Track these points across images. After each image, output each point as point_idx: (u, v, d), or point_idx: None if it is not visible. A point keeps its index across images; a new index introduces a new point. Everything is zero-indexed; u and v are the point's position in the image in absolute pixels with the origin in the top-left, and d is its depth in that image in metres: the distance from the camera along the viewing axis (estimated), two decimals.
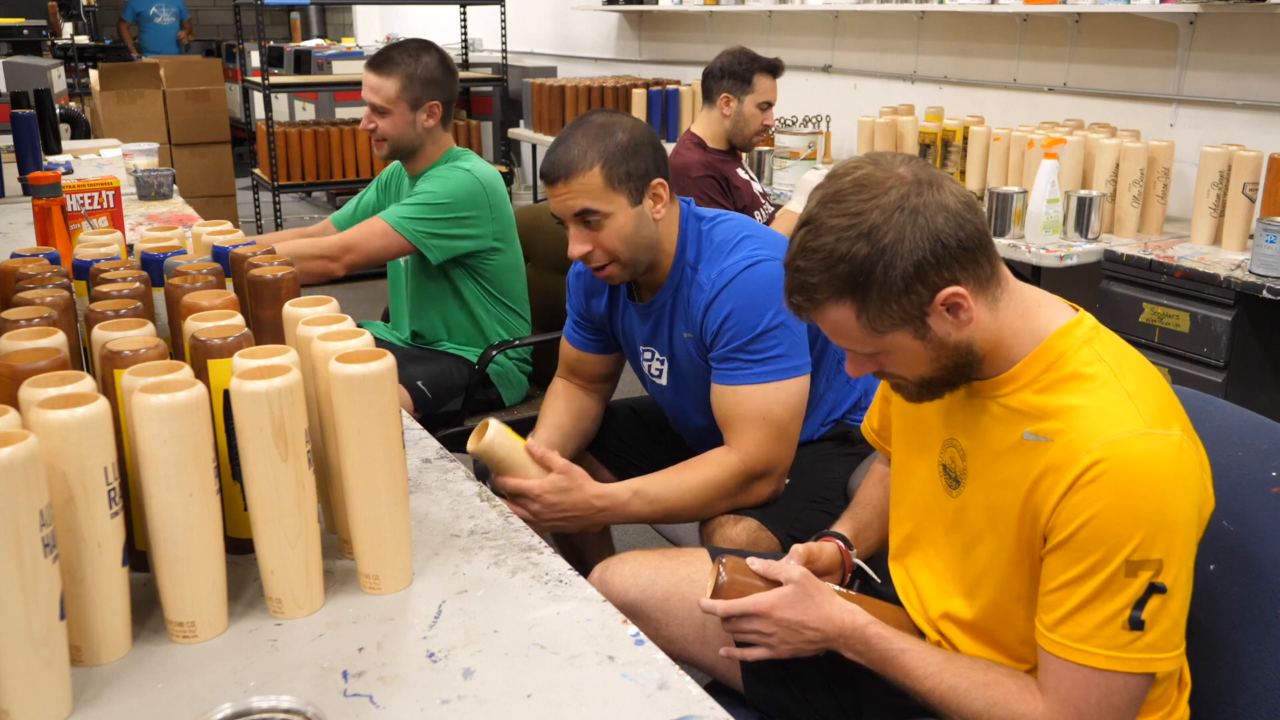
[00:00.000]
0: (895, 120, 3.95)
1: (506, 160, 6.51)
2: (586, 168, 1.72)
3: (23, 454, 0.89)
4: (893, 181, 1.16)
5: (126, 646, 1.07)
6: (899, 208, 1.14)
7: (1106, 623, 1.14)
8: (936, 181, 1.17)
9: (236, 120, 8.60)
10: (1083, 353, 1.20)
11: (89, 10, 10.59)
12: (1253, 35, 3.28)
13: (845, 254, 1.14)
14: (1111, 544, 1.12)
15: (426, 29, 9.39)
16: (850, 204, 1.16)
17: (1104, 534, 1.12)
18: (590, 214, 1.74)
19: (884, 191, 1.15)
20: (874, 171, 1.17)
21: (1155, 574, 1.12)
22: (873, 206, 1.15)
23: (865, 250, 1.14)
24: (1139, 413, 1.14)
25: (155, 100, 6.33)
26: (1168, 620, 1.14)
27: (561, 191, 1.74)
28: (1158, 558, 1.12)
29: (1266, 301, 2.68)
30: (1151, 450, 1.13)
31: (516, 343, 2.68)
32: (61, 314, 1.23)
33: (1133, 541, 1.12)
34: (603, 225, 1.75)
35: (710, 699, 0.99)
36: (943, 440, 1.33)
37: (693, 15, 5.92)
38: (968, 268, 1.17)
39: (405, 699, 1.00)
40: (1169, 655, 1.15)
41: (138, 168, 3.71)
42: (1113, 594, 1.13)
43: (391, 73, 2.54)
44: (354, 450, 1.13)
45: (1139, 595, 1.12)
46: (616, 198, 1.74)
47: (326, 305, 1.30)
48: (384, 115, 2.57)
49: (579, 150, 1.73)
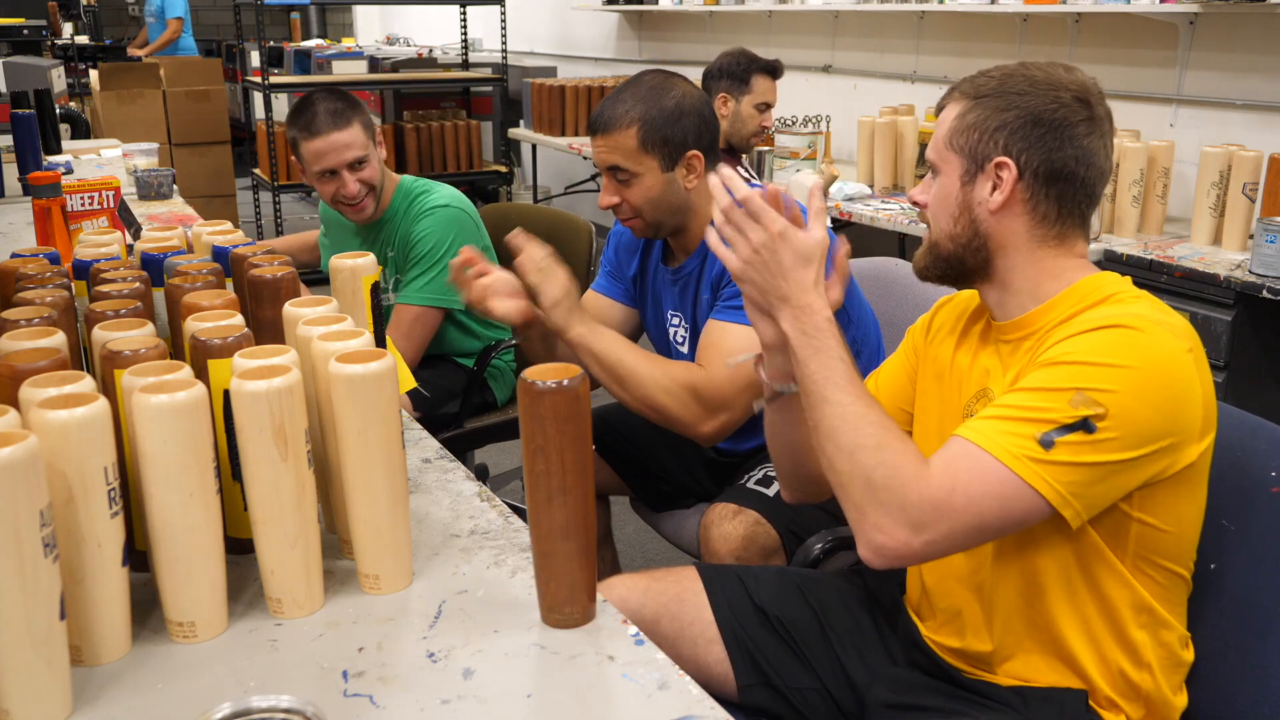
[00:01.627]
0: (895, 120, 3.95)
1: (506, 160, 6.51)
2: (624, 126, 1.81)
3: (23, 454, 0.89)
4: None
5: (126, 646, 1.07)
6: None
7: (1022, 425, 1.15)
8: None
9: (236, 120, 8.59)
10: (1117, 284, 1.26)
11: (89, 10, 10.59)
12: (1253, 35, 3.28)
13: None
14: (1078, 374, 1.14)
15: (427, 29, 9.39)
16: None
17: (1077, 367, 1.15)
18: (620, 171, 1.83)
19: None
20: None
21: (1096, 417, 1.12)
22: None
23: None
24: (1160, 318, 1.18)
25: (155, 100, 6.33)
26: (1071, 459, 1.13)
27: (599, 144, 1.84)
28: (1108, 407, 1.12)
29: (1266, 301, 2.67)
30: (1161, 339, 1.16)
31: (510, 342, 2.69)
32: (61, 314, 1.23)
33: (1097, 381, 1.13)
34: (631, 184, 1.83)
35: (710, 699, 0.99)
36: (972, 395, 1.34)
37: (693, 15, 5.92)
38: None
39: (405, 699, 1.00)
40: (1062, 492, 1.14)
41: (138, 168, 3.71)
42: (1046, 411, 1.14)
43: (351, 121, 2.42)
44: (354, 450, 1.13)
45: (1066, 422, 1.13)
46: (648, 160, 1.82)
47: (326, 305, 1.30)
48: (363, 167, 2.46)
49: (624, 109, 1.81)
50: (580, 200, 6.62)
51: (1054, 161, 1.24)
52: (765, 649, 1.47)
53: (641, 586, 1.53)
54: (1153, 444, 1.15)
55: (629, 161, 1.82)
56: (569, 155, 5.92)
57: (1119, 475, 1.15)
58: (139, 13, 9.75)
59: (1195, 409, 1.17)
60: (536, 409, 1.05)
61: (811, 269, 1.24)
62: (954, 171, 1.28)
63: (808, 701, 1.44)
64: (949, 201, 1.29)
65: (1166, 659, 1.25)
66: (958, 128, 1.28)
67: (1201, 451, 1.20)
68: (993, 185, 1.26)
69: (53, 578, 0.94)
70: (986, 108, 1.26)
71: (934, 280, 1.35)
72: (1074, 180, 1.25)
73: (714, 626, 1.49)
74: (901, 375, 1.49)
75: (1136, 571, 1.23)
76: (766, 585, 1.52)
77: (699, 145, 1.84)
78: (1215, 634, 1.29)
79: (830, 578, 1.56)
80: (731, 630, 1.48)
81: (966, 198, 1.28)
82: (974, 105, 1.27)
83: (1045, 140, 1.24)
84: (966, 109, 1.28)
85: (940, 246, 1.31)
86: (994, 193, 1.26)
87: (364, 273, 1.39)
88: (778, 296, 1.25)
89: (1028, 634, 1.28)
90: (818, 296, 1.25)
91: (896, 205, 3.66)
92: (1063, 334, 1.19)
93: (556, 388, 1.05)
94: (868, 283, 2.22)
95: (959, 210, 1.28)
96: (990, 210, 1.26)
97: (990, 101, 1.26)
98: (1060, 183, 1.25)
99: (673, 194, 1.85)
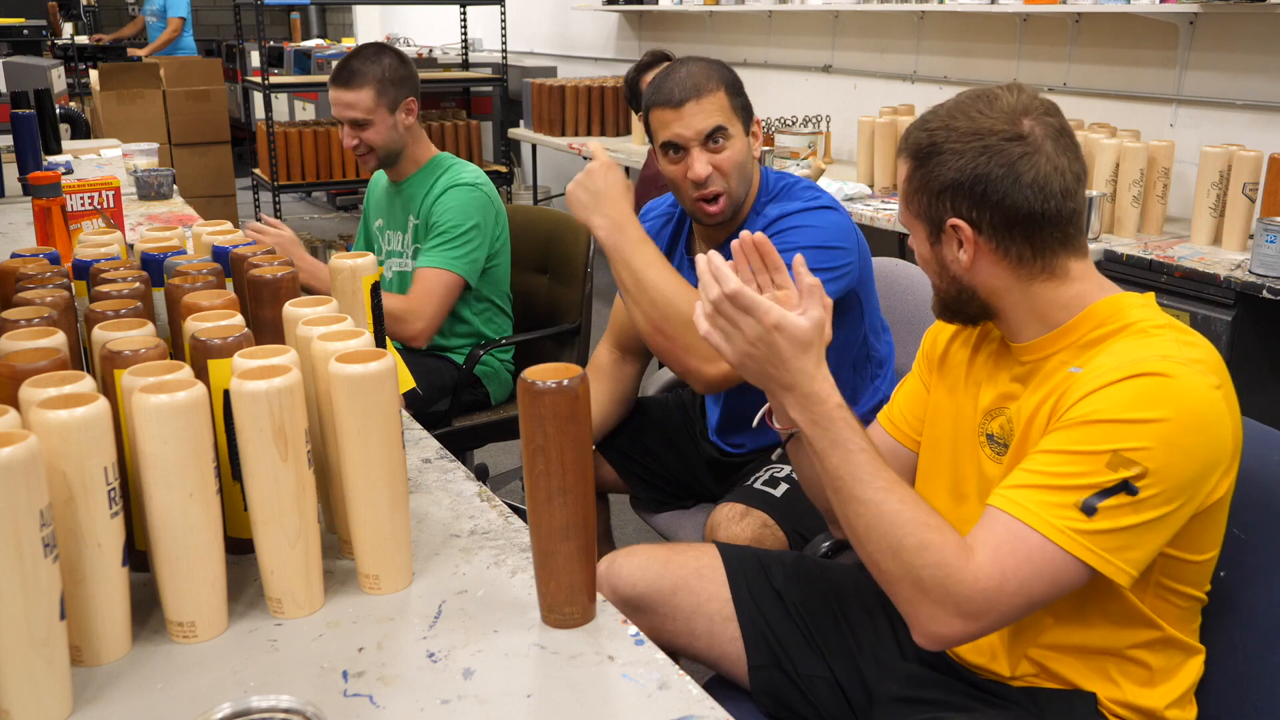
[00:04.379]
0: (895, 120, 3.95)
1: (506, 160, 6.51)
2: (715, 88, 1.83)
3: (23, 454, 0.89)
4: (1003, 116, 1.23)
5: (126, 646, 1.07)
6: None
7: (1062, 493, 1.13)
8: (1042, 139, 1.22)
9: (236, 120, 8.59)
10: (1140, 310, 1.23)
11: (89, 10, 10.59)
12: (1253, 35, 3.28)
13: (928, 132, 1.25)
14: (1113, 434, 1.11)
15: (427, 29, 9.39)
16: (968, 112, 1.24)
17: (1111, 426, 1.12)
18: (721, 131, 1.84)
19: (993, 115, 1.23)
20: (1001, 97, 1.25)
21: (1135, 478, 1.11)
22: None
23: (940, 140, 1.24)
24: (1187, 356, 1.15)
25: (155, 100, 6.34)
26: (1115, 524, 1.11)
27: (692, 111, 1.82)
28: (1147, 465, 1.10)
29: (1266, 301, 2.67)
30: (1191, 383, 1.13)
31: (503, 341, 2.70)
32: (61, 314, 1.23)
33: (1133, 440, 1.11)
34: (725, 147, 1.84)
35: (710, 699, 0.99)
36: (986, 412, 1.33)
37: (693, 15, 5.92)
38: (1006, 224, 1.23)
39: (405, 699, 1.00)
40: (1112, 559, 1.12)
41: (138, 168, 3.71)
42: (1084, 475, 1.12)
43: (363, 83, 2.53)
44: (354, 450, 1.13)
45: (1107, 486, 1.11)
46: (736, 122, 1.86)
47: (326, 305, 1.30)
48: (366, 127, 2.57)
49: (703, 75, 1.84)
50: None
51: (1006, 209, 1.20)
52: (780, 633, 1.47)
53: (663, 558, 1.55)
54: (1192, 490, 1.14)
55: (728, 120, 1.84)
56: (569, 155, 5.92)
57: (1162, 528, 1.14)
58: (139, 13, 9.75)
59: (1227, 445, 1.16)
60: (536, 409, 1.05)
61: (811, 353, 1.21)
62: (920, 235, 1.29)
63: (816, 690, 1.44)
64: (928, 263, 1.30)
65: (1178, 675, 1.25)
66: (908, 192, 1.27)
67: (1230, 482, 1.19)
68: (957, 243, 1.24)
69: (53, 578, 0.94)
70: (927, 170, 1.24)
71: (950, 322, 1.36)
72: (1035, 217, 1.20)
73: (730, 605, 1.49)
74: (917, 404, 1.48)
75: (1157, 600, 1.22)
76: (786, 570, 1.53)
77: (754, 113, 1.91)
78: (1223, 642, 1.28)
79: (848, 569, 1.56)
80: (747, 611, 1.49)
81: (940, 258, 1.28)
82: (916, 168, 1.25)
83: (989, 194, 1.20)
84: (911, 170, 1.26)
85: (940, 297, 1.32)
86: (960, 251, 1.25)
87: (364, 273, 1.39)
88: (782, 386, 1.22)
89: (1041, 654, 1.28)
90: (823, 381, 1.21)
91: (896, 205, 3.66)
92: (1088, 384, 1.16)
93: (556, 388, 1.05)
94: None
95: (938, 269, 1.29)
96: (964, 268, 1.25)
97: (929, 163, 1.24)
98: (1022, 224, 1.21)
99: (750, 161, 1.89)
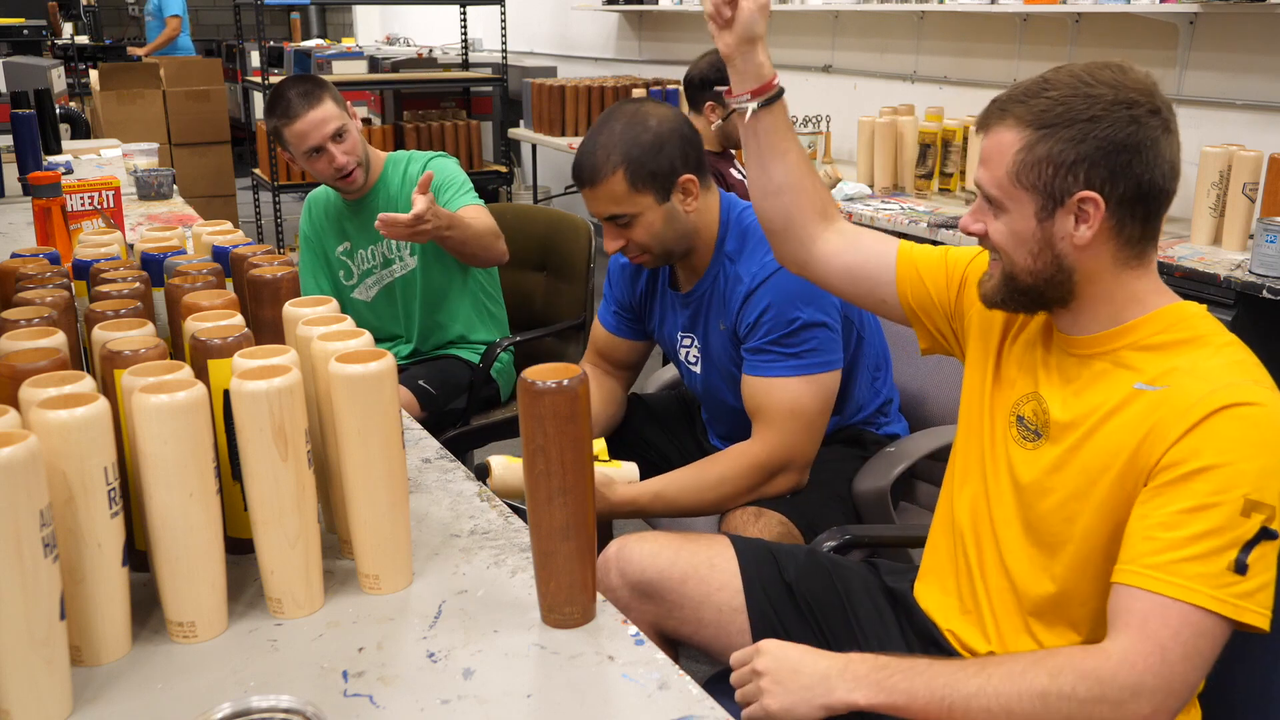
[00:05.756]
0: (895, 120, 3.95)
1: (506, 160, 6.51)
2: (610, 173, 1.77)
3: (23, 454, 0.89)
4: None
5: (126, 646, 1.07)
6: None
7: (1211, 560, 1.07)
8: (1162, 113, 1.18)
9: (236, 120, 8.59)
10: (1205, 323, 1.22)
11: (89, 10, 10.58)
12: (1253, 35, 3.28)
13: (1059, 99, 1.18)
14: (1233, 479, 1.08)
15: (427, 29, 9.39)
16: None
17: (1226, 470, 1.09)
18: (618, 217, 1.80)
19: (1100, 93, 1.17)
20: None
21: (1269, 519, 1.08)
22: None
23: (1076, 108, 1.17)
24: (1261, 378, 1.15)
25: (155, 100, 6.34)
26: (1267, 573, 1.09)
27: (589, 196, 1.81)
28: (1272, 503, 1.08)
29: (1266, 301, 2.67)
30: (1276, 408, 1.12)
31: (518, 338, 2.70)
32: (61, 314, 1.23)
33: (1253, 480, 1.08)
34: (633, 224, 1.80)
35: (710, 699, 0.99)
36: (1022, 395, 1.31)
37: (693, 15, 5.92)
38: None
39: (405, 699, 1.00)
40: (1261, 611, 1.09)
41: (138, 168, 3.71)
42: (1223, 532, 1.08)
43: (323, 96, 2.46)
44: (354, 450, 1.13)
45: (1249, 537, 1.07)
46: (641, 198, 1.78)
47: (326, 305, 1.30)
48: (344, 138, 2.48)
49: (603, 154, 1.77)
50: (580, 200, 6.60)
51: (1141, 184, 1.17)
52: (788, 624, 1.47)
53: (675, 545, 1.54)
54: None
55: (624, 205, 1.78)
56: (569, 155, 5.91)
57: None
58: (139, 13, 9.75)
59: None
60: (536, 409, 1.05)
61: (806, 660, 1.21)
62: (1026, 209, 1.20)
63: None
64: (1025, 239, 1.21)
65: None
66: (1026, 162, 1.18)
67: None
68: (1075, 219, 1.18)
69: (53, 578, 0.94)
70: (1057, 140, 1.16)
71: (1007, 310, 1.29)
72: (1160, 195, 1.18)
73: (740, 596, 1.50)
74: (937, 280, 1.45)
75: None
76: (797, 563, 1.53)
77: (688, 168, 1.80)
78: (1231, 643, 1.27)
79: (856, 565, 1.57)
80: (757, 602, 1.49)
81: (1046, 234, 1.20)
82: (1041, 136, 1.17)
83: (1132, 166, 1.16)
84: (1032, 140, 1.18)
85: (1018, 280, 1.24)
86: (1079, 227, 1.18)
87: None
88: (822, 703, 1.19)
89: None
90: (843, 679, 1.19)
91: (896, 205, 3.66)
92: (1180, 421, 1.12)
93: (556, 388, 1.05)
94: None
95: (1039, 247, 1.21)
96: (1076, 245, 1.19)
97: (1060, 132, 1.16)
98: (1145, 202, 1.18)
99: (676, 222, 1.82)
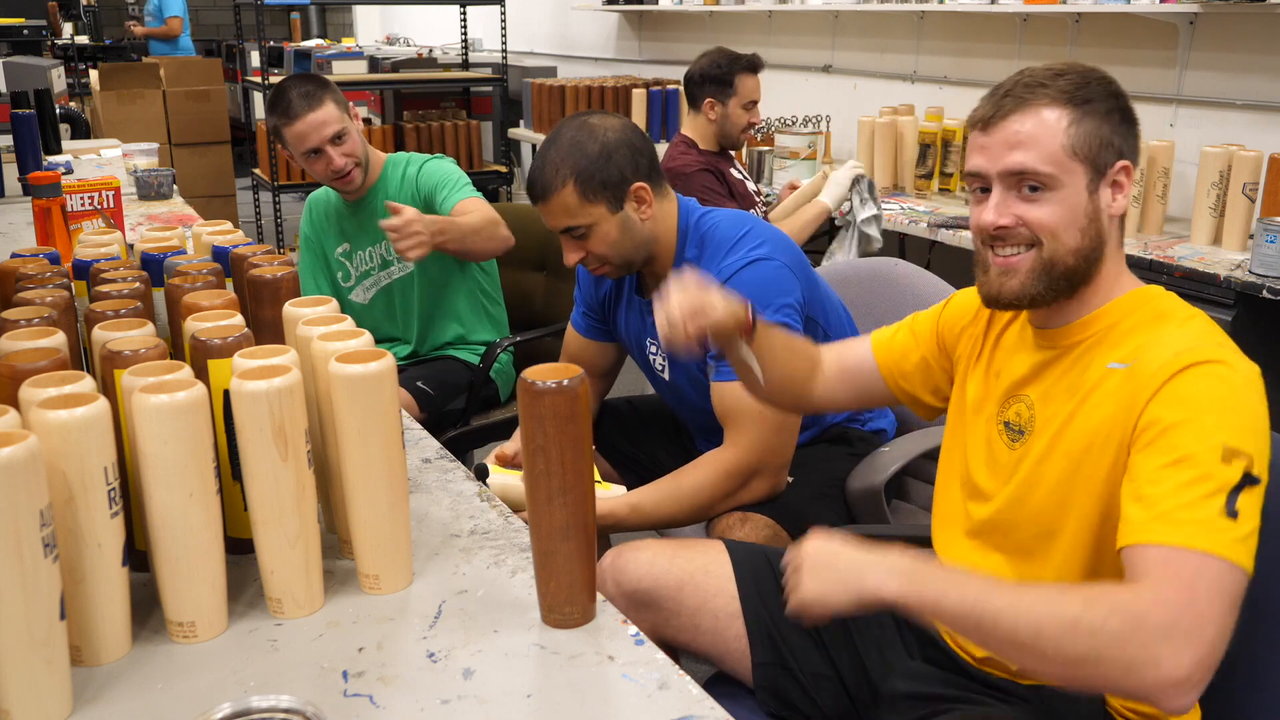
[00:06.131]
0: (895, 120, 3.95)
1: (506, 160, 6.51)
2: (560, 186, 1.78)
3: (23, 454, 0.89)
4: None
5: (126, 646, 1.07)
6: None
7: (1202, 506, 1.08)
8: None
9: (236, 120, 8.59)
10: (1168, 301, 1.29)
11: (89, 10, 10.59)
12: (1253, 35, 3.28)
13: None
14: (1208, 429, 1.11)
15: (427, 29, 9.39)
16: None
17: (1200, 421, 1.11)
18: (572, 230, 1.81)
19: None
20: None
21: (1249, 465, 1.10)
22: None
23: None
24: (1224, 342, 1.19)
25: (155, 100, 6.34)
26: (1254, 520, 1.09)
27: (544, 211, 1.82)
28: (1250, 451, 1.10)
29: (1266, 301, 2.67)
30: (1243, 369, 1.16)
31: (518, 338, 2.70)
32: (61, 314, 1.23)
33: (1228, 429, 1.11)
34: (589, 235, 1.81)
35: (710, 699, 0.99)
36: (1003, 399, 1.33)
37: (693, 15, 5.92)
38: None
39: (405, 699, 1.00)
40: (1251, 557, 1.09)
41: (138, 168, 3.71)
42: (1208, 479, 1.09)
43: (324, 98, 2.45)
44: (354, 450, 1.13)
45: (1235, 482, 1.09)
46: (594, 209, 1.79)
47: (326, 305, 1.30)
48: (344, 140, 2.48)
49: (552, 169, 1.79)
50: None
51: (1138, 153, 1.27)
52: (785, 631, 1.47)
53: (670, 553, 1.54)
54: (1268, 463, 1.14)
55: (577, 218, 1.79)
56: None
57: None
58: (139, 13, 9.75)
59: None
60: (536, 409, 1.05)
61: (848, 545, 1.20)
62: (1079, 183, 1.24)
63: (820, 688, 1.44)
64: (1077, 214, 1.24)
65: None
66: (1077, 136, 1.23)
67: None
68: (1112, 190, 1.26)
69: (53, 578, 0.94)
70: (1095, 113, 1.24)
71: (1032, 307, 1.28)
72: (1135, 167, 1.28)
73: (736, 601, 1.50)
74: (910, 351, 1.49)
75: None
76: None
77: (638, 175, 1.81)
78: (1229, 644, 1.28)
79: None
80: (754, 608, 1.49)
81: (1094, 207, 1.25)
82: (1083, 112, 1.23)
83: (1135, 133, 1.27)
84: (1077, 116, 1.23)
85: (1060, 264, 1.25)
86: (1116, 197, 1.26)
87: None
88: (856, 588, 1.17)
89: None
90: (878, 570, 1.16)
91: (896, 205, 3.66)
92: (1150, 381, 1.16)
93: (556, 388, 1.05)
94: (867, 282, 2.22)
95: (1087, 221, 1.24)
96: (1112, 215, 1.26)
97: (1096, 106, 1.24)
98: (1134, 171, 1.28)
99: (632, 231, 1.82)
